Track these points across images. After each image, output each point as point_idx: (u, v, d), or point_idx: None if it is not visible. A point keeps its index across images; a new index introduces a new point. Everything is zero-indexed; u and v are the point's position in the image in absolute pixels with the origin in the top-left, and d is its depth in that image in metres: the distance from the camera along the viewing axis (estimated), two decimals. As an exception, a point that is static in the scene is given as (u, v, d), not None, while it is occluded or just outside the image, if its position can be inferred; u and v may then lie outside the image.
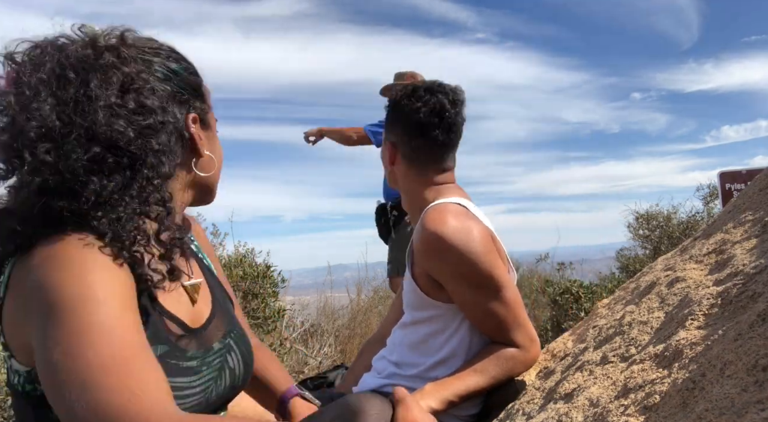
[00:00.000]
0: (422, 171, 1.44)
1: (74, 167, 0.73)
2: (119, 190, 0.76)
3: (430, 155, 1.43)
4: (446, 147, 1.43)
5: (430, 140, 1.40)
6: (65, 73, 0.76)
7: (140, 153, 0.78)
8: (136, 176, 0.78)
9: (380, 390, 1.39)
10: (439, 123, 1.39)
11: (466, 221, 1.29)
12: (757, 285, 0.87)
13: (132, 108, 0.79)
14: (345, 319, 4.95)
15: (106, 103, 0.76)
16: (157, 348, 0.78)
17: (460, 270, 1.27)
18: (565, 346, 1.42)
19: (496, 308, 1.29)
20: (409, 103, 1.40)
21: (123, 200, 0.76)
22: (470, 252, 1.25)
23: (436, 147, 1.42)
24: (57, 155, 0.73)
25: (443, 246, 1.25)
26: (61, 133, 0.73)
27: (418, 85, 1.44)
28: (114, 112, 0.77)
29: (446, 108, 1.39)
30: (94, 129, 0.74)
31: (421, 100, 1.39)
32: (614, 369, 1.01)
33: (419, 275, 1.36)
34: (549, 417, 1.00)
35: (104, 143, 0.75)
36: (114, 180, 0.75)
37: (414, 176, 1.45)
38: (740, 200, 1.39)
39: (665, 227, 6.85)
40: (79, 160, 0.73)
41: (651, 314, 1.11)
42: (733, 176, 4.58)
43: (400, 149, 1.44)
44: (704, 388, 0.72)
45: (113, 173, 0.76)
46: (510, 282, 1.32)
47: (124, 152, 0.77)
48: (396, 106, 1.45)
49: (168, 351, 0.81)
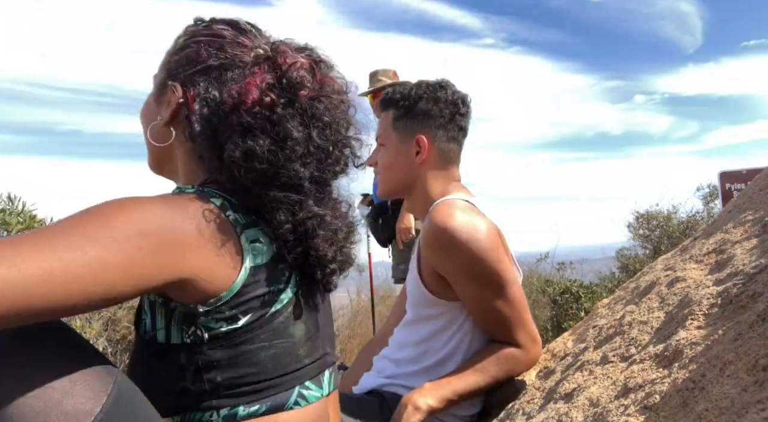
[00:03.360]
0: (447, 164, 1.46)
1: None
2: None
3: (458, 145, 1.48)
4: (465, 136, 1.50)
5: (461, 129, 1.47)
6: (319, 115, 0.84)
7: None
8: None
9: (380, 389, 1.40)
10: (467, 113, 1.47)
11: (473, 217, 1.29)
12: (757, 285, 0.87)
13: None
14: (345, 319, 4.95)
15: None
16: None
17: (467, 265, 1.26)
18: (565, 346, 1.42)
19: (499, 306, 1.29)
20: (444, 95, 1.44)
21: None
22: (477, 247, 1.25)
23: (462, 136, 1.48)
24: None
25: (450, 240, 1.25)
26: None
27: (430, 82, 1.46)
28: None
29: (467, 96, 1.47)
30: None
31: (446, 92, 1.45)
32: (614, 368, 1.01)
33: (426, 272, 1.36)
34: (549, 417, 1.00)
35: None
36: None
37: (438, 171, 1.45)
38: (740, 200, 1.39)
39: (665, 227, 6.85)
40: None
41: (651, 314, 1.11)
42: (733, 176, 4.58)
43: (436, 143, 1.43)
44: (704, 388, 0.72)
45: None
46: (515, 280, 1.32)
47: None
48: (426, 99, 1.44)
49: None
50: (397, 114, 1.46)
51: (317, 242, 0.82)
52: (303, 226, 0.81)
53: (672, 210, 7.02)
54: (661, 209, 7.06)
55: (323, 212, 0.83)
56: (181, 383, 0.76)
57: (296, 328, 0.82)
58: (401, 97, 1.45)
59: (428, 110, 1.42)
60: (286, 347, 0.80)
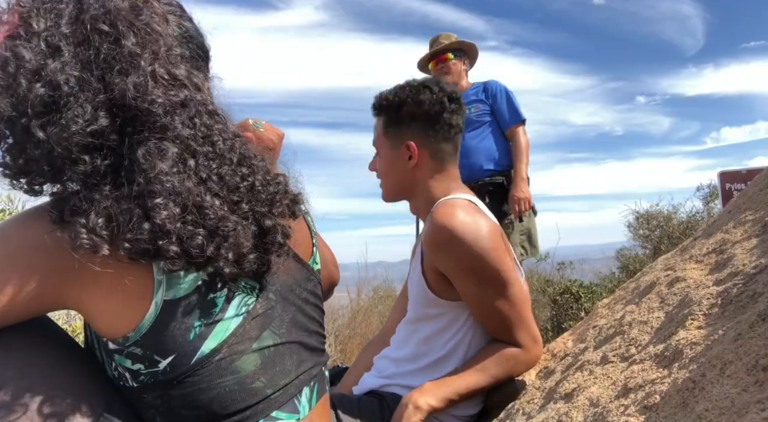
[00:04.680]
0: (443, 164, 1.45)
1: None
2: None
3: (452, 143, 1.45)
4: (459, 132, 1.46)
5: (452, 126, 1.43)
6: (97, 25, 0.62)
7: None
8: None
9: (380, 390, 1.40)
10: (457, 108, 1.43)
11: (475, 216, 1.30)
12: (757, 285, 0.87)
13: (164, 78, 0.66)
14: (345, 319, 4.95)
15: (146, 70, 0.63)
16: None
17: (468, 264, 1.26)
18: (565, 346, 1.42)
19: (501, 306, 1.29)
20: (427, 97, 1.41)
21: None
22: (479, 247, 1.25)
23: (454, 133, 1.45)
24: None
25: (452, 239, 1.25)
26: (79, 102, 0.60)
27: (413, 82, 1.45)
28: (155, 80, 0.64)
29: (455, 92, 1.43)
30: (124, 97, 0.61)
31: (431, 91, 1.41)
32: (614, 368, 1.01)
33: (428, 271, 1.36)
34: (549, 417, 1.00)
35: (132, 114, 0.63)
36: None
37: (434, 172, 1.44)
38: (740, 200, 1.39)
39: (665, 227, 6.85)
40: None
41: (651, 314, 1.11)
42: (733, 176, 4.58)
43: (426, 146, 1.43)
44: (704, 388, 0.72)
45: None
46: (517, 280, 1.32)
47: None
48: (409, 103, 1.42)
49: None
50: (386, 121, 1.48)
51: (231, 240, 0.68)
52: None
53: (672, 210, 7.02)
54: (661, 209, 7.07)
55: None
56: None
57: (245, 362, 0.71)
58: (387, 103, 1.46)
59: (413, 113, 1.42)
60: (232, 384, 0.69)
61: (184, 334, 0.66)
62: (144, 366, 0.66)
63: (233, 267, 0.67)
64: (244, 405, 0.70)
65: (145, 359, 0.66)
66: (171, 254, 0.61)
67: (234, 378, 0.69)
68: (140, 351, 0.65)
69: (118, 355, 0.66)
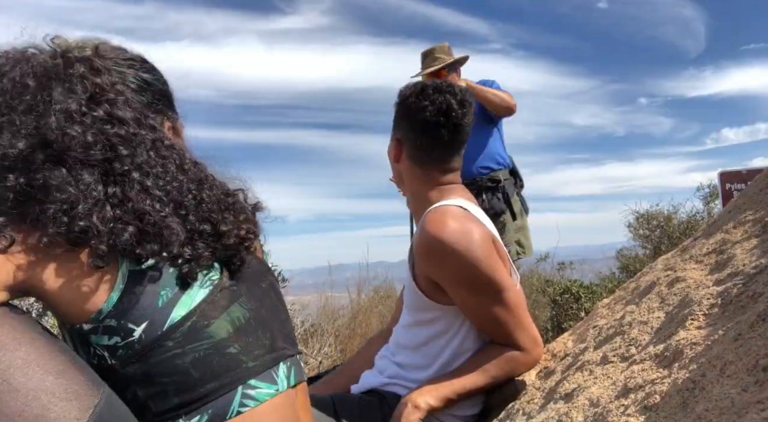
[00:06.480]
0: (426, 171, 1.43)
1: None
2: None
3: (435, 154, 1.41)
4: (452, 147, 1.41)
5: (436, 139, 1.39)
6: (24, 80, 0.73)
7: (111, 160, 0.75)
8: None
9: (381, 389, 1.40)
10: (445, 123, 1.37)
11: (466, 224, 1.28)
12: (757, 285, 0.87)
13: (101, 117, 0.75)
14: (345, 319, 4.94)
15: (64, 108, 0.72)
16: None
17: (461, 274, 1.26)
18: (565, 346, 1.42)
19: (497, 312, 1.28)
20: (416, 101, 1.38)
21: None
22: (470, 257, 1.24)
23: (440, 147, 1.40)
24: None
25: (443, 250, 1.25)
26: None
27: (427, 83, 1.43)
28: (72, 118, 0.73)
29: (453, 108, 1.36)
30: (44, 133, 0.70)
31: (428, 98, 1.38)
32: (614, 369, 1.01)
33: (420, 277, 1.35)
34: (549, 417, 1.00)
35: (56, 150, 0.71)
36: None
37: (418, 175, 1.44)
38: (740, 200, 1.39)
39: (665, 227, 6.85)
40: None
41: (651, 314, 1.11)
42: (733, 176, 4.58)
43: (405, 147, 1.43)
44: (704, 388, 0.72)
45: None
46: (511, 285, 1.31)
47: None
48: (403, 103, 1.43)
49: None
50: (394, 113, 1.48)
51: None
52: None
53: (672, 210, 7.03)
54: (662, 210, 7.07)
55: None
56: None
57: (217, 327, 0.75)
58: (399, 96, 1.45)
59: (405, 114, 1.42)
60: (206, 348, 0.74)
61: (152, 300, 0.72)
62: (120, 337, 0.71)
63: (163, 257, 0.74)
64: (220, 369, 0.74)
65: (120, 330, 0.71)
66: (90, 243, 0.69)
67: (209, 342, 0.74)
68: (114, 321, 0.71)
69: (95, 335, 0.71)
